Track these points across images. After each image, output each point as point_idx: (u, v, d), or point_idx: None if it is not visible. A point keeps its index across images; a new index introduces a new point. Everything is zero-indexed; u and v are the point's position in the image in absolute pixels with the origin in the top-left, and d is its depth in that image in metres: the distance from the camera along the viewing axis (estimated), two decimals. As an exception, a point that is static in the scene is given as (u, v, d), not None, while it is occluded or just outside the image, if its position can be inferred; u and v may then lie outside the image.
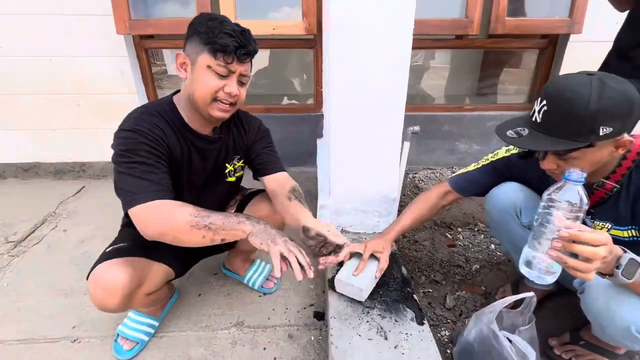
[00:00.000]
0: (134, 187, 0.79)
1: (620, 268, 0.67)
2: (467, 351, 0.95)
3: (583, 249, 0.62)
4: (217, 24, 0.80)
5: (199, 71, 0.83)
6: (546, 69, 2.10)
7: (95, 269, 0.89)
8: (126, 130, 0.82)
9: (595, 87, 0.70)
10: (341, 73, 1.16)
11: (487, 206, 1.11)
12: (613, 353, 1.00)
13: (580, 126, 0.71)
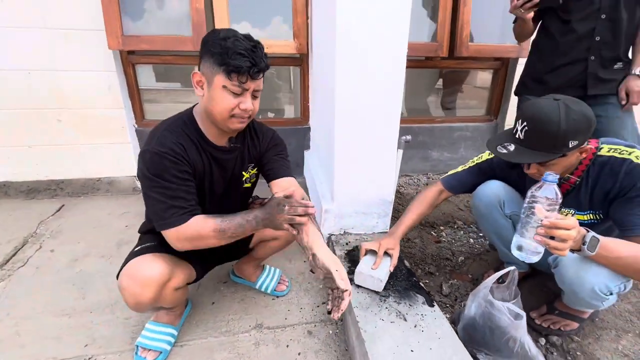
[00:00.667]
0: (164, 211, 0.87)
1: (586, 244, 0.88)
2: (470, 325, 1.10)
3: (560, 233, 0.83)
4: (230, 43, 0.83)
5: (216, 91, 0.87)
6: (500, 86, 2.45)
7: (129, 264, 0.95)
8: (152, 152, 0.87)
9: (562, 111, 0.92)
10: (344, 91, 1.31)
11: (475, 201, 1.30)
12: (580, 317, 1.21)
13: (555, 142, 0.93)
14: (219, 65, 0.84)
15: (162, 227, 0.88)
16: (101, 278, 1.46)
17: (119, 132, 2.06)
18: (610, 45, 1.37)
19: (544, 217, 0.85)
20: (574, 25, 1.39)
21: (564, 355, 1.15)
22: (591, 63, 1.40)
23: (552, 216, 0.85)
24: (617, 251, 0.90)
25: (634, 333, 1.22)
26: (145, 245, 1.02)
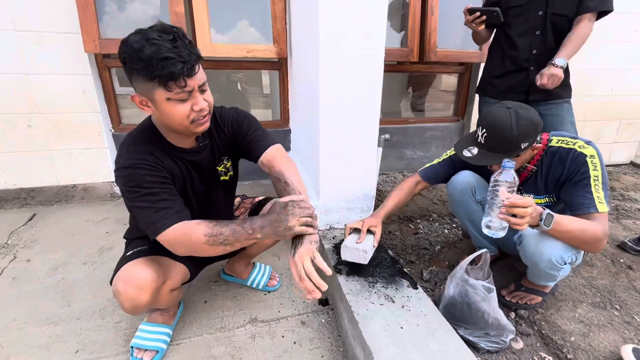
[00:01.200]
0: (152, 217, 0.85)
1: (542, 220, 1.02)
2: (450, 304, 1.21)
3: (518, 210, 0.97)
4: (149, 51, 0.73)
5: (162, 106, 0.81)
6: (465, 89, 2.65)
7: (124, 268, 0.95)
8: (124, 167, 0.86)
9: (513, 118, 1.09)
10: (328, 93, 1.39)
11: (450, 189, 1.43)
12: (543, 292, 1.37)
13: (509, 145, 1.10)
14: (150, 80, 0.76)
15: (155, 232, 0.85)
16: (86, 285, 1.43)
17: (95, 137, 2.01)
18: (545, 57, 1.56)
19: (505, 198, 0.99)
20: (515, 39, 1.61)
21: (531, 326, 1.29)
22: (531, 72, 1.61)
23: (512, 197, 0.99)
24: (568, 225, 1.05)
25: (587, 303, 1.40)
26: (137, 250, 1.02)
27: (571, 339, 1.22)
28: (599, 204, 1.08)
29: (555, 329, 1.27)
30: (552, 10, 1.53)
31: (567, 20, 1.54)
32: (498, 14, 1.58)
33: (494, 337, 1.16)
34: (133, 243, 1.10)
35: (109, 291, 1.39)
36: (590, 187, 1.10)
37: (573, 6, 1.51)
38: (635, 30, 2.69)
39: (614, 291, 1.47)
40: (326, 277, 0.85)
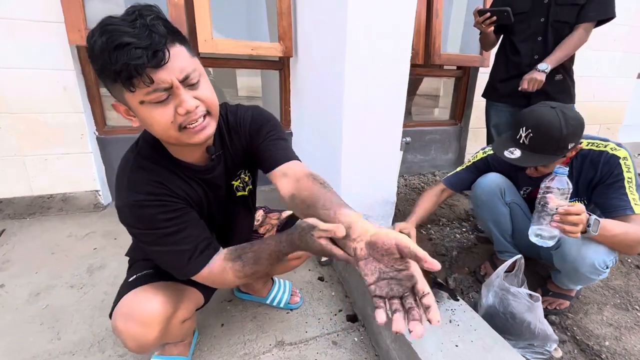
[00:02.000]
0: (176, 261, 0.73)
1: (590, 226, 0.99)
2: (491, 314, 1.16)
3: (572, 218, 0.94)
4: (104, 42, 0.54)
5: (139, 112, 0.63)
6: (463, 93, 2.67)
7: (124, 300, 0.79)
8: (127, 206, 0.70)
9: (561, 117, 1.06)
10: (353, 95, 1.30)
11: (477, 191, 1.39)
12: (570, 296, 1.35)
13: (558, 145, 1.07)
14: (114, 82, 0.59)
15: (185, 276, 0.74)
16: (77, 312, 1.24)
17: (76, 140, 1.78)
18: None
19: (558, 206, 0.95)
20: (518, 45, 1.65)
21: (564, 332, 1.27)
22: None
23: (564, 204, 0.95)
24: (613, 229, 1.03)
25: (610, 305, 1.40)
26: (140, 275, 0.86)
27: (606, 344, 1.21)
28: (635, 205, 1.07)
29: (589, 334, 1.25)
30: (553, 17, 1.56)
31: (568, 26, 1.57)
32: (509, 13, 1.58)
33: (538, 348, 1.12)
34: (137, 265, 0.93)
35: (106, 319, 1.20)
36: (625, 188, 1.10)
37: (574, 13, 1.55)
38: (614, 40, 2.86)
39: (630, 291, 1.49)
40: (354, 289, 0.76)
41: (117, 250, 1.61)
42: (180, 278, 0.75)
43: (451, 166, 2.91)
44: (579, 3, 1.51)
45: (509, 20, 1.61)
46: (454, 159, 2.86)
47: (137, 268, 0.91)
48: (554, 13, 1.55)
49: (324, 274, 1.53)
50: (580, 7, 1.52)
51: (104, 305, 1.27)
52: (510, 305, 1.11)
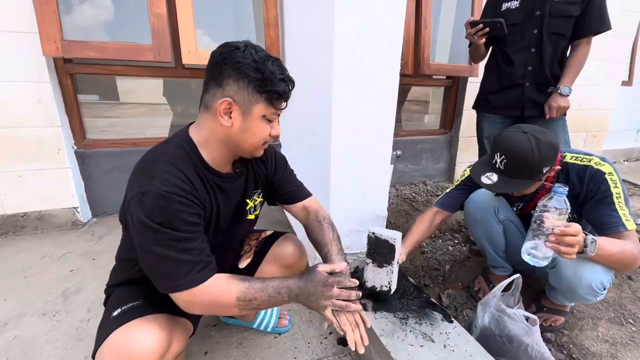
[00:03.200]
0: (174, 270, 0.70)
1: (587, 247, 0.96)
2: (486, 335, 1.12)
3: (568, 239, 0.91)
4: (270, 67, 0.72)
5: (253, 123, 0.76)
6: (452, 102, 2.67)
7: (113, 337, 0.71)
8: (156, 193, 0.67)
9: (533, 143, 1.04)
10: (341, 107, 1.26)
11: (469, 208, 1.36)
12: (565, 312, 1.33)
13: (532, 170, 1.06)
14: (259, 92, 0.73)
15: (171, 289, 0.70)
16: (48, 343, 1.15)
17: (53, 155, 1.70)
18: (540, 73, 1.60)
19: (554, 226, 0.91)
20: (511, 56, 1.63)
21: (560, 350, 1.24)
22: (527, 88, 1.63)
23: (561, 224, 0.92)
24: (610, 249, 1.01)
25: (604, 319, 1.38)
26: (127, 307, 0.78)
27: (603, 362, 1.18)
28: (626, 221, 1.05)
29: (585, 352, 1.22)
30: (548, 29, 1.55)
31: (564, 38, 1.57)
32: (502, 25, 1.57)
33: (535, 371, 1.08)
34: (118, 295, 0.85)
35: (80, 350, 1.13)
36: (615, 205, 1.07)
37: (569, 25, 1.54)
38: (598, 50, 2.90)
39: (624, 304, 1.48)
40: None
41: (96, 272, 1.52)
42: (166, 291, 0.71)
43: (442, 175, 2.90)
44: (573, 15, 1.51)
45: (502, 31, 1.59)
46: (445, 168, 2.85)
47: (118, 300, 0.82)
48: (548, 25, 1.54)
49: (314, 293, 1.47)
50: (575, 20, 1.53)
51: (79, 334, 1.19)
52: (506, 328, 1.07)
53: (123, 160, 1.91)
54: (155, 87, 2.18)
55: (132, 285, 0.86)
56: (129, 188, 0.71)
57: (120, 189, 1.96)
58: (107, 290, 0.91)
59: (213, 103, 0.75)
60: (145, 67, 1.82)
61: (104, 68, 1.76)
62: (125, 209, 0.72)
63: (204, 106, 0.77)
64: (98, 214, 1.99)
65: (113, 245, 1.74)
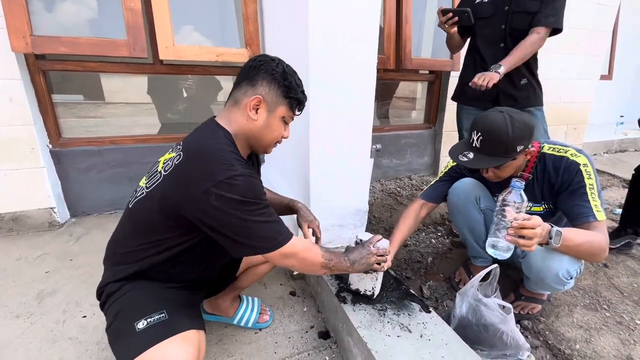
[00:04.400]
0: (272, 232, 0.82)
1: (552, 238, 0.99)
2: (463, 325, 1.13)
3: (526, 232, 0.92)
4: (294, 80, 0.89)
5: (274, 120, 0.90)
6: (436, 97, 2.69)
7: (152, 352, 0.72)
8: (242, 176, 0.78)
9: (508, 120, 1.06)
10: (318, 102, 1.25)
11: (452, 198, 1.37)
12: (542, 300, 1.36)
13: (506, 148, 1.07)
14: (284, 97, 0.88)
15: (276, 246, 0.82)
16: (21, 346, 1.12)
17: (27, 154, 1.65)
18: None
19: (513, 219, 0.93)
20: (482, 50, 1.66)
21: (537, 336, 1.27)
22: (501, 82, 1.61)
23: (520, 217, 0.93)
24: (576, 239, 1.03)
25: (580, 306, 1.42)
26: (154, 321, 0.78)
27: (577, 347, 1.21)
28: (597, 212, 1.07)
29: (560, 338, 1.25)
30: (511, 25, 1.58)
31: (524, 34, 1.59)
32: (469, 14, 1.58)
33: (511, 357, 1.10)
34: (135, 303, 0.82)
35: (54, 352, 1.10)
36: (587, 196, 1.09)
37: (527, 21, 1.56)
38: (577, 44, 2.97)
39: (599, 291, 1.52)
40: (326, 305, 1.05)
41: (72, 273, 1.49)
42: (270, 249, 0.82)
43: (427, 169, 2.92)
44: (531, 11, 1.53)
45: (469, 21, 1.61)
46: (429, 162, 2.88)
47: (139, 307, 0.80)
48: (511, 21, 1.57)
49: (296, 287, 1.47)
50: (533, 15, 1.55)
51: (54, 336, 1.17)
52: (483, 317, 1.09)
53: (101, 159, 1.87)
54: (141, 86, 2.14)
55: (142, 283, 0.85)
56: (201, 177, 0.75)
57: (99, 188, 1.94)
58: (107, 287, 0.86)
59: (244, 99, 0.86)
60: (121, 64, 1.78)
61: (78, 64, 1.71)
62: (198, 197, 0.75)
63: (234, 101, 0.88)
64: (76, 214, 1.95)
65: (92, 246, 1.71)
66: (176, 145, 0.89)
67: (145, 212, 0.83)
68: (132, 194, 0.91)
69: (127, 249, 0.86)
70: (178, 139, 2.02)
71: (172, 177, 0.80)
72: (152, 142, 2.00)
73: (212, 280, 1.05)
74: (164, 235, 0.83)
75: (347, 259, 0.97)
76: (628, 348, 1.21)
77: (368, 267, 1.02)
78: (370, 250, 1.02)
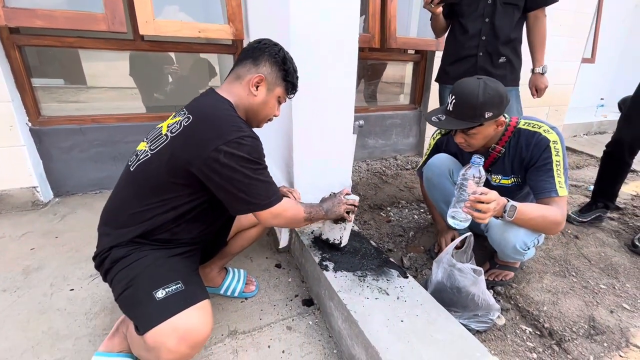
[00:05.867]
0: (266, 191, 0.91)
1: (506, 212, 1.05)
2: (439, 289, 1.20)
3: (481, 206, 0.99)
4: (293, 66, 1.00)
5: (271, 99, 0.99)
6: (421, 77, 2.71)
7: (176, 321, 0.78)
8: (251, 137, 0.86)
9: (481, 87, 1.11)
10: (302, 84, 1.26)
11: (428, 174, 1.42)
12: (514, 267, 1.44)
13: (474, 111, 1.12)
14: (282, 80, 0.98)
15: (266, 205, 0.91)
16: (8, 317, 1.14)
17: (6, 132, 1.62)
18: (493, 43, 1.67)
19: (472, 192, 1.00)
20: (466, 26, 1.68)
21: (508, 300, 1.35)
22: (480, 58, 1.69)
23: (478, 191, 1.00)
24: (530, 213, 1.09)
25: (550, 273, 1.50)
26: (172, 290, 0.83)
27: (544, 309, 1.30)
28: (559, 188, 1.12)
29: (530, 301, 1.33)
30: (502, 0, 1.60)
31: (516, 8, 1.63)
32: None
33: (482, 317, 1.18)
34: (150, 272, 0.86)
35: (43, 322, 1.13)
36: (553, 172, 1.14)
37: None
38: (560, 25, 3.00)
39: (569, 260, 1.61)
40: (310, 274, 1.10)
41: (58, 250, 1.50)
42: (261, 208, 0.91)
43: (412, 150, 2.97)
44: None
45: None
46: (414, 142, 2.92)
47: (156, 277, 0.85)
48: None
49: (282, 260, 1.52)
50: None
51: (41, 307, 1.19)
52: (456, 280, 1.15)
53: (83, 138, 1.85)
54: (124, 69, 2.10)
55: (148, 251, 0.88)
56: (213, 136, 0.82)
57: (82, 167, 1.93)
58: (112, 252, 0.87)
59: (247, 75, 0.95)
60: (101, 39, 1.74)
61: (55, 39, 1.66)
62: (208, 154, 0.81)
63: (236, 76, 0.96)
64: (60, 193, 1.93)
65: (78, 223, 1.71)
66: (180, 111, 0.94)
67: (151, 173, 0.87)
68: (133, 159, 0.94)
69: (132, 210, 0.89)
70: (163, 117, 2.01)
71: (181, 137, 0.85)
72: (136, 121, 1.98)
73: (209, 242, 1.10)
74: (171, 194, 0.88)
75: (322, 208, 1.12)
76: (591, 309, 1.30)
77: (339, 214, 1.16)
78: (340, 200, 1.16)
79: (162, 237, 0.91)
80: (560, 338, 1.16)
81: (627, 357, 1.10)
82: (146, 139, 0.95)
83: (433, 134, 1.52)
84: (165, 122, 0.94)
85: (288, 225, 1.08)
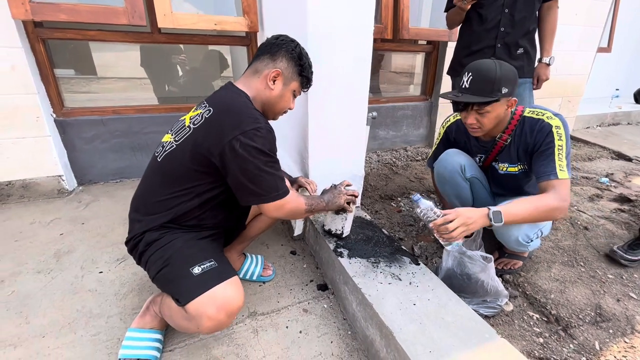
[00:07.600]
0: (274, 184, 0.94)
1: (492, 219, 1.06)
2: (449, 275, 1.24)
3: (442, 229, 1.04)
4: (310, 62, 1.06)
5: (287, 93, 1.04)
6: (433, 68, 2.71)
7: (214, 293, 0.87)
8: (267, 129, 0.91)
9: (497, 64, 1.14)
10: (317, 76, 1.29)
11: (439, 169, 1.45)
12: (523, 257, 1.47)
13: (493, 86, 1.13)
14: (298, 74, 1.03)
15: (276, 197, 0.95)
16: (45, 296, 1.23)
17: (32, 123, 1.70)
18: (512, 35, 1.66)
19: (431, 226, 1.07)
20: (485, 17, 1.67)
21: (516, 288, 1.39)
22: (498, 49, 1.69)
23: (438, 222, 1.05)
24: (519, 211, 1.08)
25: (558, 262, 1.54)
26: (207, 267, 0.92)
27: (552, 297, 1.33)
28: (559, 171, 1.12)
29: (537, 289, 1.37)
30: None
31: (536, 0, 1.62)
32: None
33: (491, 303, 1.22)
34: (183, 252, 0.93)
35: (76, 301, 1.21)
36: (554, 155, 1.15)
37: None
38: (576, 14, 2.94)
39: (577, 250, 1.64)
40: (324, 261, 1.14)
41: (85, 235, 1.58)
42: (270, 200, 0.95)
43: (422, 141, 2.98)
44: None
45: None
46: (425, 134, 2.93)
47: (190, 256, 0.93)
48: None
49: (297, 247, 1.58)
50: None
51: (74, 288, 1.27)
52: (466, 267, 1.20)
53: (105, 129, 1.92)
54: (135, 59, 2.14)
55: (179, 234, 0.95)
56: (232, 126, 0.87)
57: (104, 157, 2.00)
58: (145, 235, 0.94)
59: (265, 70, 1.00)
60: (120, 32, 1.78)
61: (77, 33, 1.71)
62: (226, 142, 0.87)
63: (255, 70, 1.01)
64: (83, 182, 2.02)
65: (101, 211, 1.79)
66: (200, 104, 1.00)
67: (176, 162, 0.94)
68: (160, 150, 1.00)
69: (160, 197, 0.95)
70: (179, 109, 2.07)
71: (204, 128, 0.91)
72: (154, 112, 2.04)
73: (232, 226, 1.18)
74: (194, 182, 0.94)
75: (322, 200, 1.15)
76: (598, 297, 1.34)
77: (340, 205, 1.20)
78: (340, 190, 1.21)
79: (190, 223, 0.97)
80: (567, 324, 1.21)
81: (632, 344, 1.14)
82: (171, 130, 1.02)
83: (442, 123, 1.54)
84: (188, 115, 1.00)
85: (289, 217, 1.11)
